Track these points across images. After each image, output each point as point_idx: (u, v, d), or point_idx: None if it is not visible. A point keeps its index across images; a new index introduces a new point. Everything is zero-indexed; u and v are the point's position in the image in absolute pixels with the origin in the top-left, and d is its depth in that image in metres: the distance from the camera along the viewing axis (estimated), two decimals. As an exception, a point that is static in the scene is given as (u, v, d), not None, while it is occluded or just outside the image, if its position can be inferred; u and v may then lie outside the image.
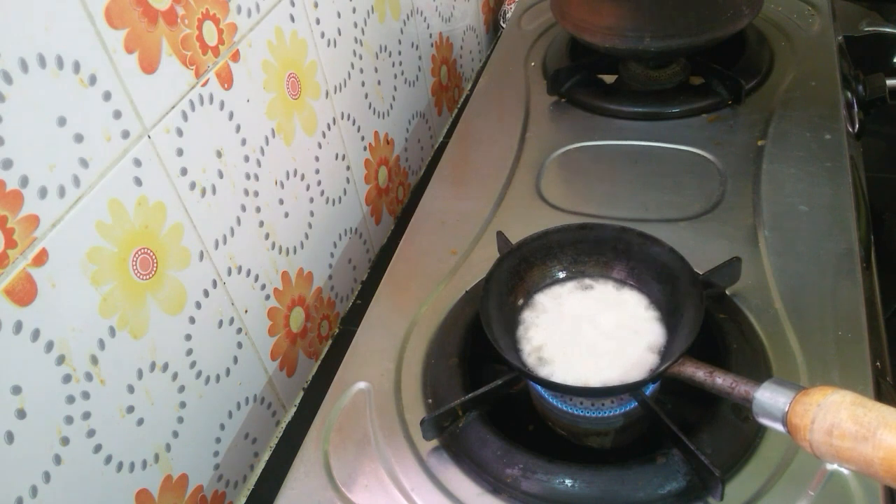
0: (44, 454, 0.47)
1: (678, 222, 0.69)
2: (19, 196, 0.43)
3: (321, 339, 0.80)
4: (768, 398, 0.42)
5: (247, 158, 0.64)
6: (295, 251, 0.73)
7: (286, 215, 0.71)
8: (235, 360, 0.65)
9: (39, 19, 0.43)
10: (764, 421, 0.43)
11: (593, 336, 0.55)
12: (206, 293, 0.60)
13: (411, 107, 0.97)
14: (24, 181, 0.43)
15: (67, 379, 0.48)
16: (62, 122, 0.46)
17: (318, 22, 0.72)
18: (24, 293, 0.44)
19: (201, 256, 0.59)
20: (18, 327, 0.44)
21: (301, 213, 0.73)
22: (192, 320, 0.59)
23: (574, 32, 0.85)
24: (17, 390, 0.44)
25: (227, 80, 0.60)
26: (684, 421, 0.51)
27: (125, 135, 0.50)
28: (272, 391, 0.71)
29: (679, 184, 0.73)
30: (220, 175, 0.60)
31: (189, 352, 0.59)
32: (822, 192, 0.69)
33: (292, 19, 0.68)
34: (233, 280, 0.64)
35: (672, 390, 0.55)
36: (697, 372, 0.48)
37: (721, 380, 0.47)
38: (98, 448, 0.51)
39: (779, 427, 0.41)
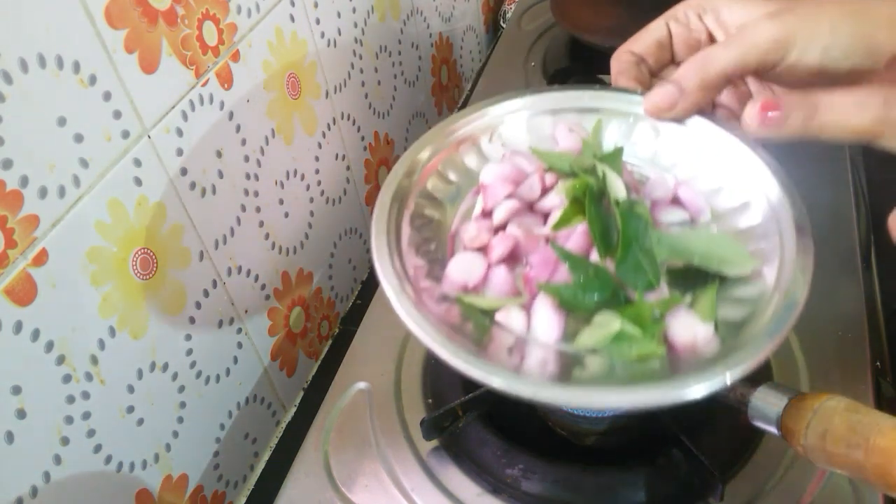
0: (44, 454, 0.47)
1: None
2: (19, 196, 0.43)
3: (321, 339, 0.80)
4: (763, 402, 0.42)
5: (247, 158, 0.64)
6: (295, 251, 0.73)
7: (286, 215, 0.71)
8: (235, 360, 0.65)
9: (39, 19, 0.43)
10: (759, 424, 0.43)
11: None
12: (206, 293, 0.60)
13: (411, 107, 0.97)
14: (24, 181, 0.43)
15: (67, 379, 0.48)
16: (62, 122, 0.46)
17: (318, 22, 0.72)
18: (24, 293, 0.44)
19: (201, 256, 0.59)
20: (18, 327, 0.44)
21: (301, 213, 0.73)
22: (192, 320, 0.59)
23: (574, 32, 0.85)
24: (17, 390, 0.44)
25: (227, 80, 0.60)
26: (685, 421, 0.51)
27: (125, 135, 0.50)
28: (272, 391, 0.71)
29: (679, 184, 0.73)
30: (220, 175, 0.60)
31: (189, 352, 0.59)
32: (822, 192, 0.69)
33: (292, 19, 0.68)
34: (233, 280, 0.64)
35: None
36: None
37: (717, 382, 0.47)
38: (98, 448, 0.51)
39: (773, 431, 0.41)
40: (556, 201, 0.47)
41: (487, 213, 0.48)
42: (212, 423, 0.63)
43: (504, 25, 1.17)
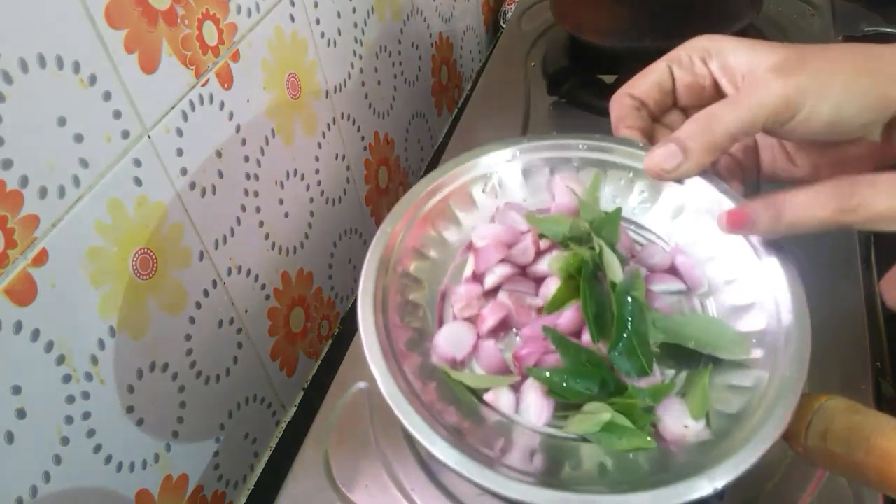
0: (44, 454, 0.47)
1: (678, 222, 0.69)
2: (19, 196, 0.43)
3: (321, 339, 0.80)
4: None
5: (247, 158, 0.64)
6: (295, 251, 0.73)
7: (286, 215, 0.71)
8: (235, 360, 0.65)
9: (39, 19, 0.43)
10: None
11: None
12: (206, 293, 0.60)
13: (411, 107, 0.97)
14: (24, 181, 0.43)
15: (67, 379, 0.48)
16: (62, 122, 0.46)
17: (318, 22, 0.72)
18: (24, 293, 0.44)
19: (201, 256, 0.59)
20: (18, 327, 0.44)
21: (301, 213, 0.73)
22: (192, 320, 0.59)
23: (574, 32, 0.85)
24: (17, 390, 0.44)
25: (227, 80, 0.60)
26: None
27: (125, 135, 0.50)
28: (272, 391, 0.71)
29: (679, 184, 0.73)
30: (220, 175, 0.60)
31: (189, 352, 0.59)
32: (822, 193, 0.69)
33: (292, 19, 0.68)
34: (233, 280, 0.64)
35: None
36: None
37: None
38: (98, 448, 0.51)
39: None
40: (546, 270, 0.46)
41: (478, 277, 0.47)
42: (212, 423, 0.63)
43: (504, 25, 1.17)
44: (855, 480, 0.43)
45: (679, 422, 0.41)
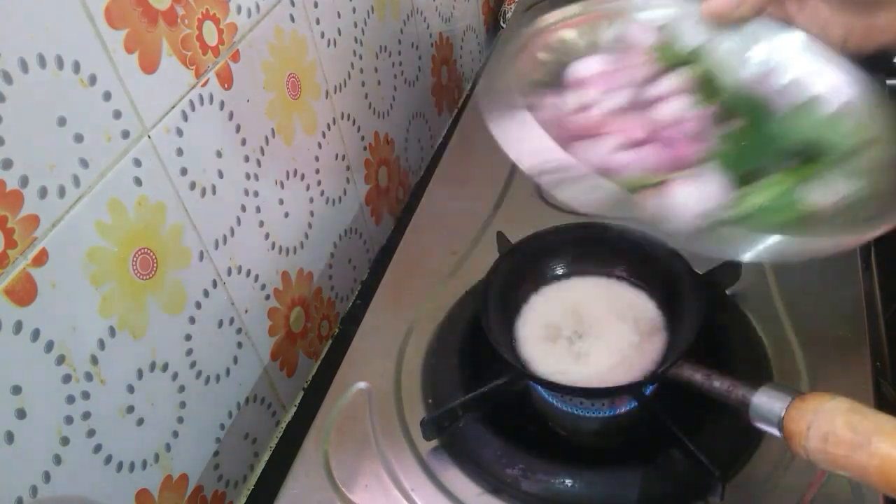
0: (44, 454, 0.47)
1: (678, 222, 0.69)
2: (19, 196, 0.43)
3: (321, 339, 0.80)
4: (765, 403, 0.42)
5: (247, 158, 0.64)
6: (295, 251, 0.73)
7: (286, 215, 0.71)
8: (235, 360, 0.65)
9: (39, 19, 0.43)
10: (760, 425, 0.43)
11: (594, 336, 0.55)
12: (206, 293, 0.60)
13: (411, 107, 0.97)
14: (24, 181, 0.43)
15: (67, 379, 0.48)
16: (62, 122, 0.46)
17: (318, 22, 0.72)
18: (24, 293, 0.44)
19: (201, 256, 0.59)
20: (18, 327, 0.44)
21: (301, 213, 0.73)
22: (192, 320, 0.59)
23: (574, 32, 0.84)
24: (17, 390, 0.44)
25: (227, 80, 0.60)
26: (685, 420, 0.51)
27: (125, 135, 0.50)
28: (272, 391, 0.71)
29: (679, 184, 0.73)
30: (220, 175, 0.60)
31: (189, 352, 0.59)
32: (822, 193, 0.69)
33: (292, 19, 0.68)
34: (233, 280, 0.64)
35: (672, 389, 0.55)
36: (695, 374, 0.48)
37: (718, 383, 0.47)
38: (98, 448, 0.51)
39: (775, 432, 0.41)
40: (669, 87, 0.46)
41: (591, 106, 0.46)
42: (212, 423, 0.63)
43: (504, 25, 1.17)
44: (856, 481, 0.43)
45: (826, 193, 0.41)
